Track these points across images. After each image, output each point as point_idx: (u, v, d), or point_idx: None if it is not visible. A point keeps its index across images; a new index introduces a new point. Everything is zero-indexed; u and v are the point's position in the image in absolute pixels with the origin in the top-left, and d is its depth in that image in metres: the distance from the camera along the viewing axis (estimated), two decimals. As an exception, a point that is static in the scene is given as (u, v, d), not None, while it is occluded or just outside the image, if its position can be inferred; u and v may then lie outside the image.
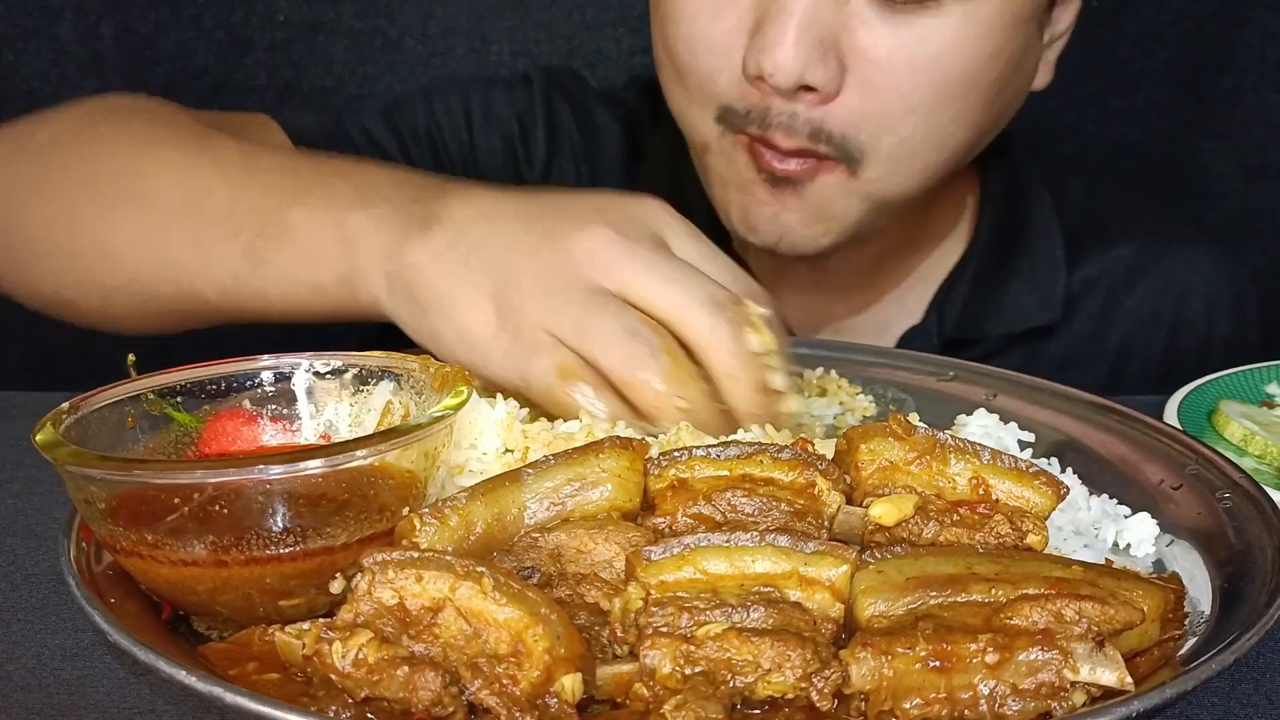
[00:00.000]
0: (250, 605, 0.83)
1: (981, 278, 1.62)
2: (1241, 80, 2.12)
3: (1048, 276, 1.63)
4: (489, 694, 0.72)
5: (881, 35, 1.30)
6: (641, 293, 1.03)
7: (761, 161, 1.37)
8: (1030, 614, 0.76)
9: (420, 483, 0.89)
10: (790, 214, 1.40)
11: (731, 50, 1.33)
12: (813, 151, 1.35)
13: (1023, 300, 1.62)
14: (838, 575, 0.80)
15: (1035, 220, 1.65)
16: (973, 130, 1.40)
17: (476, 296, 1.05)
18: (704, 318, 1.03)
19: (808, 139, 1.34)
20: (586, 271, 1.03)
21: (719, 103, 1.37)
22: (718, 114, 1.38)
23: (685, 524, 0.87)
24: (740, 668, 0.74)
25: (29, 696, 0.83)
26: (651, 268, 1.04)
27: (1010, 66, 1.38)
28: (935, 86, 1.33)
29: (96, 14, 2.04)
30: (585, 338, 1.02)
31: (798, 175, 1.37)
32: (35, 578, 0.99)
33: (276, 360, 0.99)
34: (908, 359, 1.29)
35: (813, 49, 1.28)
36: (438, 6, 2.09)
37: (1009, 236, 1.64)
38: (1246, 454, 1.20)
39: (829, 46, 1.29)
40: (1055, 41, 1.48)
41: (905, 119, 1.34)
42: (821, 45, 1.29)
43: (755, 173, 1.39)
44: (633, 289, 1.03)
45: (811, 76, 1.29)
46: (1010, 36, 1.35)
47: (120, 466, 0.85)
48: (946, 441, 0.92)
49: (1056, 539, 0.96)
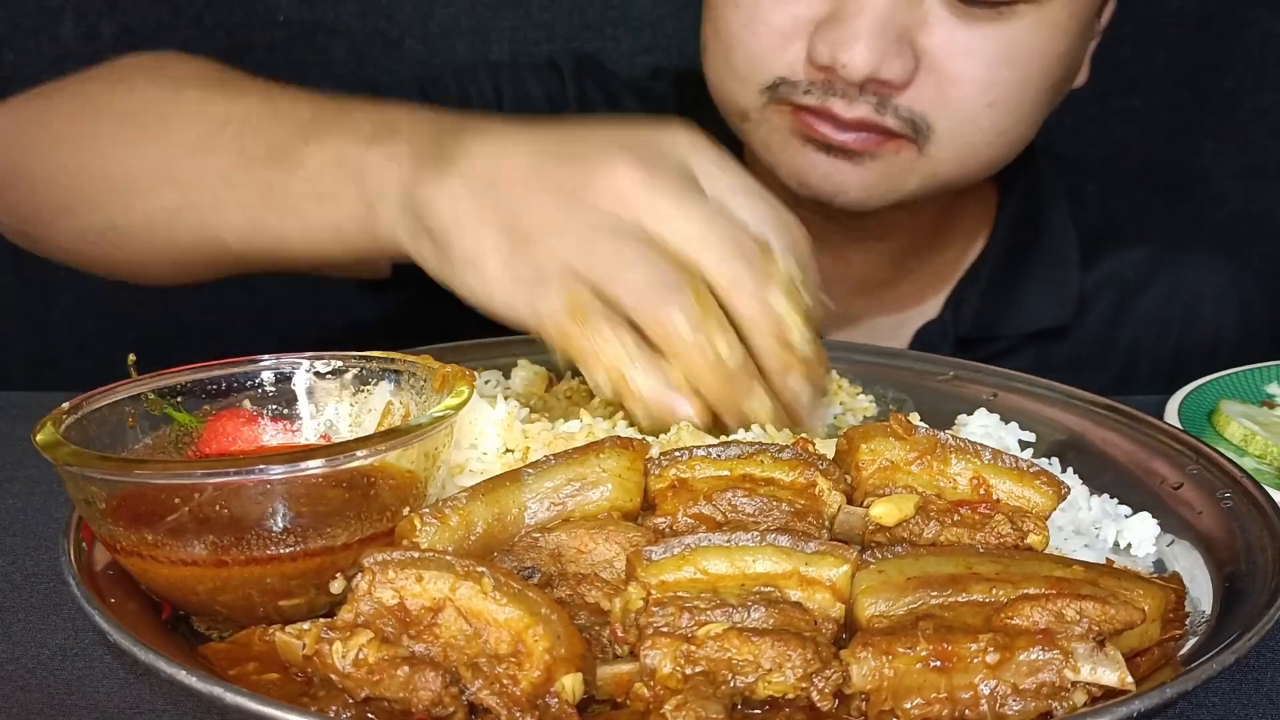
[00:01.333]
0: (250, 605, 0.83)
1: (998, 277, 1.64)
2: (1241, 80, 2.12)
3: (1062, 278, 1.65)
4: (489, 694, 0.72)
5: (958, 35, 1.32)
6: (665, 232, 0.98)
7: (814, 132, 1.37)
8: (1031, 614, 0.76)
9: (420, 483, 0.88)
10: (845, 176, 1.39)
11: (795, 35, 1.34)
12: (877, 124, 1.35)
13: (1037, 300, 1.64)
14: (838, 575, 0.80)
15: (1052, 223, 1.67)
16: (1035, 125, 1.45)
17: (493, 233, 1.01)
18: (729, 260, 0.98)
19: (874, 110, 1.33)
20: (608, 206, 0.99)
21: (772, 75, 1.37)
22: (768, 84, 1.37)
23: (686, 524, 0.87)
24: (741, 668, 0.74)
25: (29, 696, 0.83)
26: (676, 207, 0.99)
27: (1073, 65, 1.44)
28: (1014, 84, 1.35)
29: (96, 14, 2.04)
30: (603, 270, 0.97)
31: (857, 148, 1.37)
32: (35, 578, 0.99)
33: (276, 360, 0.99)
34: (908, 359, 1.29)
35: (888, 44, 1.29)
36: (438, 6, 2.09)
37: (1026, 238, 1.66)
38: (1247, 454, 1.20)
39: (904, 42, 1.31)
40: (1094, 39, 1.51)
41: (984, 111, 1.36)
42: (898, 41, 1.30)
43: (803, 142, 1.38)
44: (656, 228, 0.98)
45: (886, 70, 1.30)
46: (1076, 37, 1.40)
47: (120, 466, 0.85)
48: (947, 441, 0.92)
49: (1057, 539, 0.96)
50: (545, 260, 0.99)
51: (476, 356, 1.22)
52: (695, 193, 1.01)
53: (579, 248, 0.98)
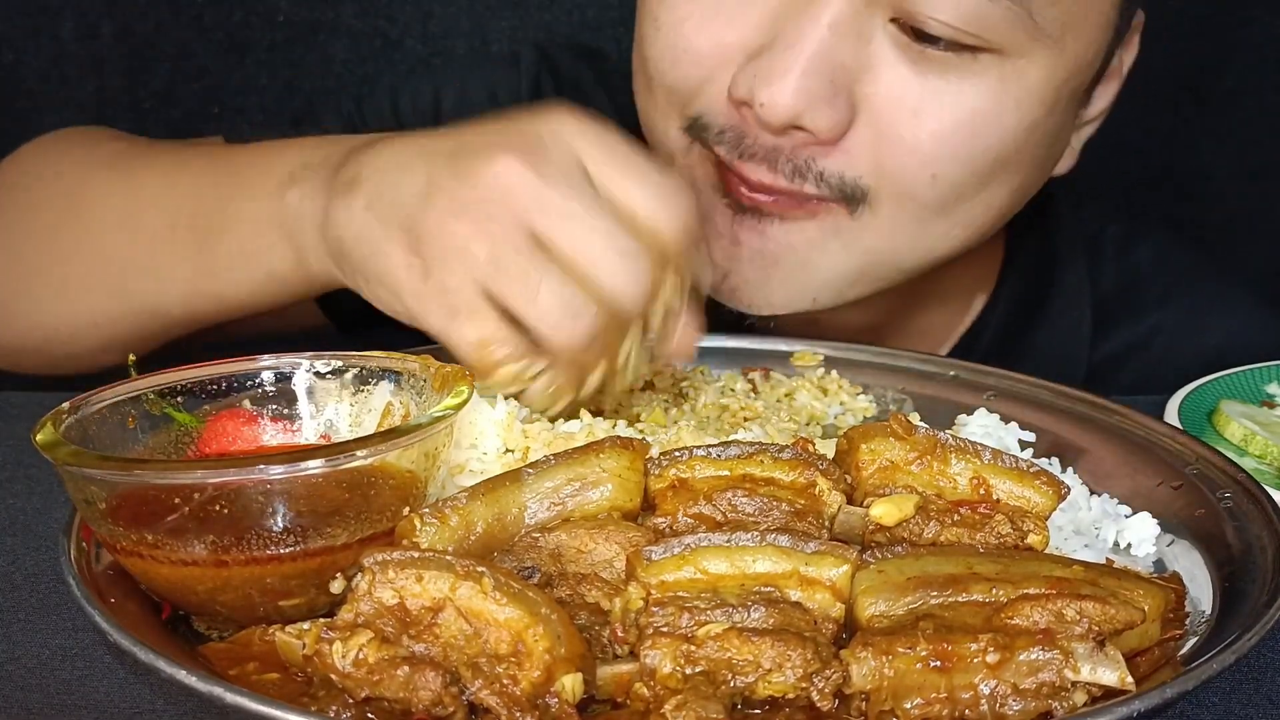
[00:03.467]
0: (250, 605, 0.83)
1: (995, 347, 1.48)
2: (1241, 80, 2.12)
3: (1070, 352, 1.49)
4: (489, 694, 0.72)
5: (908, 85, 1.14)
6: (551, 234, 0.95)
7: (729, 186, 1.21)
8: (1031, 614, 0.76)
9: (420, 483, 0.88)
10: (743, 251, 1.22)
11: (720, 67, 1.18)
12: (794, 195, 1.18)
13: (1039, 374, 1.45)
14: (838, 575, 0.80)
15: (1066, 288, 1.50)
16: (997, 209, 1.25)
17: (399, 250, 1.00)
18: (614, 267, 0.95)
19: (789, 177, 1.17)
20: (496, 208, 0.96)
21: (691, 111, 1.21)
22: (687, 123, 1.22)
23: (686, 524, 0.87)
24: (741, 667, 0.74)
25: (29, 696, 0.83)
26: (559, 208, 0.95)
27: (1047, 145, 1.23)
28: (966, 157, 1.17)
29: (96, 14, 2.04)
30: (510, 294, 0.96)
31: (767, 208, 1.20)
32: (35, 578, 0.99)
33: (276, 360, 0.99)
34: (908, 359, 1.29)
35: (821, 86, 1.12)
36: (438, 6, 2.09)
37: (1031, 304, 1.49)
38: (1247, 454, 1.20)
39: (840, 88, 1.13)
40: (1087, 125, 1.33)
41: (925, 185, 1.17)
42: (832, 85, 1.13)
43: (719, 196, 1.22)
44: (543, 230, 0.95)
45: (811, 119, 1.13)
46: (1050, 110, 1.19)
47: (120, 466, 0.85)
48: (947, 441, 0.92)
49: (1057, 539, 0.96)
50: (454, 285, 0.97)
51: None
52: (579, 184, 0.97)
53: (485, 268, 0.96)
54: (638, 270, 0.96)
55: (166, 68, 2.07)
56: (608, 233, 0.96)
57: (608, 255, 0.95)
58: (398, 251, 1.00)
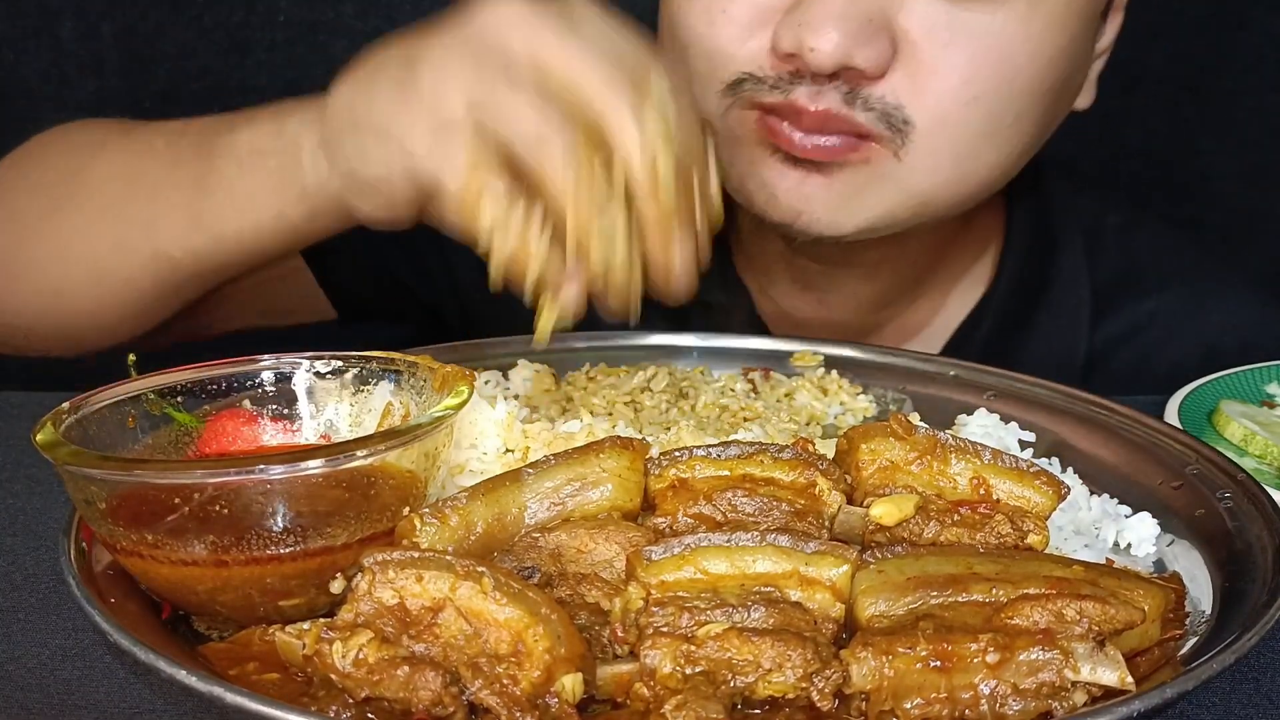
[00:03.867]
0: (250, 605, 0.83)
1: (996, 333, 1.51)
2: (1241, 80, 2.12)
3: (1069, 337, 1.53)
4: (489, 694, 0.72)
5: (940, 17, 1.20)
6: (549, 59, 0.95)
7: (778, 139, 1.25)
8: (1031, 614, 0.76)
9: (420, 483, 0.88)
10: (813, 188, 1.26)
11: (758, 24, 1.23)
12: (846, 119, 1.22)
13: (1039, 359, 1.50)
14: (838, 575, 0.80)
15: (1063, 272, 1.54)
16: (1027, 140, 1.30)
17: (388, 87, 1.01)
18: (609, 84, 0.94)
19: (843, 101, 1.21)
20: (493, 40, 0.97)
21: (734, 71, 1.25)
22: (730, 82, 1.26)
23: (686, 524, 0.87)
24: (741, 667, 0.74)
25: (29, 696, 0.83)
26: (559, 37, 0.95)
27: (1071, 72, 1.30)
28: (1000, 81, 1.22)
29: (96, 14, 2.05)
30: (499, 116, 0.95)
31: (823, 158, 1.24)
32: (35, 578, 0.99)
33: (276, 360, 0.99)
34: (908, 358, 1.29)
35: (861, 26, 1.17)
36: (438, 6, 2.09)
37: (1032, 287, 1.53)
38: (1247, 454, 1.20)
39: (879, 25, 1.19)
40: (1099, 57, 1.39)
41: (966, 108, 1.23)
42: (872, 23, 1.18)
43: (769, 151, 1.26)
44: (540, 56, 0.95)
45: (860, 57, 1.18)
46: (1074, 35, 1.27)
47: (120, 466, 0.85)
48: (947, 441, 0.92)
49: (1057, 539, 0.96)
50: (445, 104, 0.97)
51: (476, 356, 1.22)
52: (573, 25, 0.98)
53: (476, 88, 0.96)
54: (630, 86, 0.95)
55: (166, 68, 2.07)
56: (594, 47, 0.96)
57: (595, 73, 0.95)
58: (388, 88, 1.01)
